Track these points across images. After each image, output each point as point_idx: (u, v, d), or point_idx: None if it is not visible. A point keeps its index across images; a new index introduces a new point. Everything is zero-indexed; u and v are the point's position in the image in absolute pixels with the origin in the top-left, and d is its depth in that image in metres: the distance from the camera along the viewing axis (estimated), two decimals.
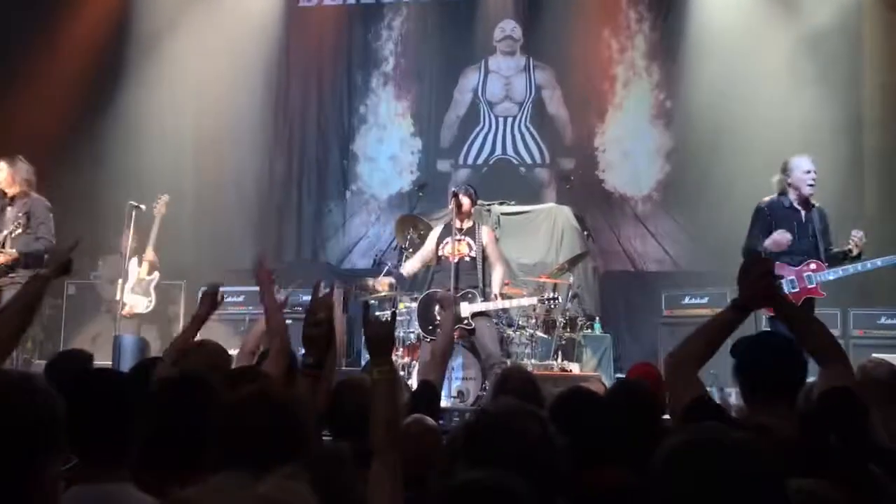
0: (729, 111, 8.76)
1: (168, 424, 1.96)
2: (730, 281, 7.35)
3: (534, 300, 6.39)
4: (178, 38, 9.31)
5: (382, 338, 2.28)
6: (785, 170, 5.23)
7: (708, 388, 2.32)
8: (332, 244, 10.06)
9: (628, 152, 9.81)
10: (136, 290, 7.64)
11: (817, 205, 5.27)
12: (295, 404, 1.73)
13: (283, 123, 10.15)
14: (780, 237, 5.10)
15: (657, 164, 9.71)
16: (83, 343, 7.55)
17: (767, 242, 5.13)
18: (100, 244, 8.05)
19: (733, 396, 4.94)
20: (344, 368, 6.90)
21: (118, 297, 7.36)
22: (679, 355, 2.28)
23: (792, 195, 5.19)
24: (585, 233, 8.67)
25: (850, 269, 5.17)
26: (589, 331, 7.70)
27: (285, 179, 10.08)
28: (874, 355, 5.17)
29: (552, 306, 6.52)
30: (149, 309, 7.69)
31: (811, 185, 5.15)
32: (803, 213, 5.22)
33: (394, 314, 2.64)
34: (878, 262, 5.22)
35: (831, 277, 5.13)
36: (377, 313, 6.93)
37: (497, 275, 6.09)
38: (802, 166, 5.18)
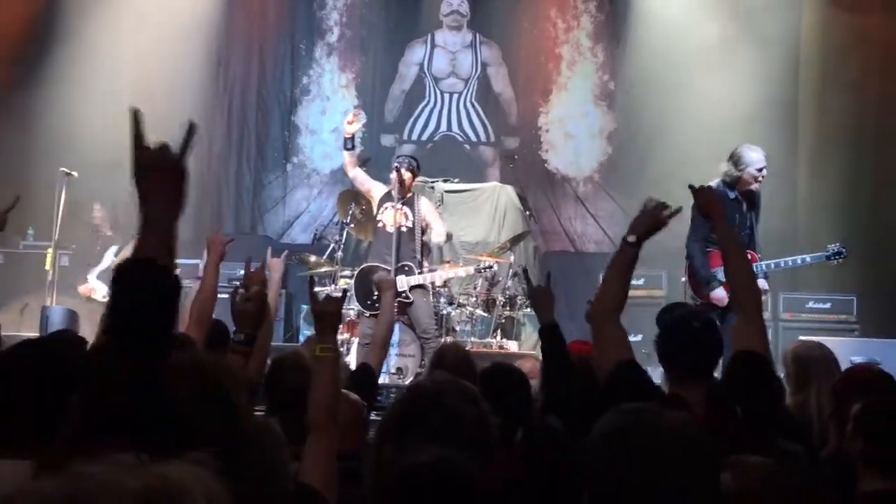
0: (671, 94, 8.90)
1: (65, 399, 1.90)
2: (664, 262, 7.49)
3: (470, 269, 6.43)
4: (114, 4, 8.99)
5: (331, 314, 2.27)
6: (737, 163, 5.11)
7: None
8: (272, 217, 9.95)
9: (571, 133, 9.90)
10: (101, 277, 7.42)
11: (755, 190, 5.32)
12: (227, 377, 1.71)
13: (223, 92, 9.93)
14: (720, 295, 4.98)
15: (599, 146, 9.83)
16: (10, 314, 7.30)
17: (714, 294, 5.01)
18: (30, 212, 7.78)
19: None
20: (281, 344, 6.85)
21: (89, 278, 7.20)
22: (599, 304, 2.32)
23: (738, 188, 5.18)
24: (528, 213, 8.73)
25: (782, 263, 5.31)
26: (528, 309, 7.77)
27: (224, 150, 9.88)
28: (801, 338, 5.39)
29: (488, 275, 6.58)
30: (105, 300, 7.48)
31: (760, 183, 5.17)
32: (744, 205, 5.21)
33: (345, 292, 2.64)
34: (808, 258, 5.39)
35: (764, 268, 5.24)
36: (322, 289, 6.89)
37: (438, 231, 6.11)
38: (756, 162, 5.09)
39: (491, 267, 6.38)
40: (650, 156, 9.05)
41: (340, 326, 6.52)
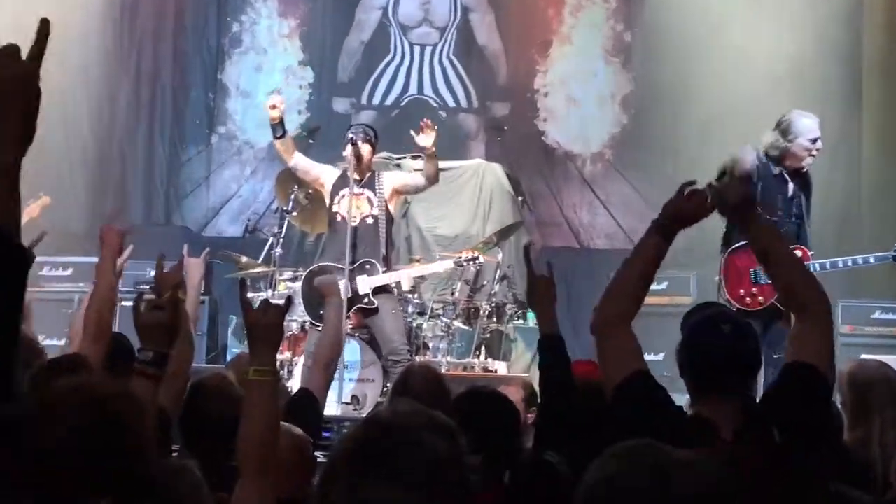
0: (701, 47, 8.95)
1: None
2: (696, 263, 7.57)
3: (448, 264, 6.44)
4: None
5: (267, 327, 2.25)
6: (785, 132, 5.15)
7: None
8: (192, 203, 9.91)
9: (576, 98, 9.92)
10: None
11: (806, 170, 5.36)
12: (128, 407, 1.69)
13: (128, 44, 9.85)
14: (743, 154, 5.12)
15: (611, 114, 9.87)
16: None
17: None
18: None
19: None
20: (203, 365, 6.81)
21: None
22: (607, 307, 2.33)
23: (785, 162, 5.21)
24: (520, 198, 8.74)
25: (840, 263, 5.34)
26: (521, 321, 7.79)
27: (131, 117, 9.82)
28: (863, 356, 5.44)
29: (470, 276, 6.58)
30: None
31: (814, 157, 5.20)
32: (791, 185, 5.26)
33: (288, 299, 2.63)
34: (872, 258, 5.43)
35: (818, 270, 5.27)
36: (257, 296, 6.85)
37: (417, 180, 6.16)
38: (809, 133, 5.13)
39: (476, 259, 6.38)
40: (675, 126, 9.10)
41: (281, 343, 6.53)
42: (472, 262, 6.40)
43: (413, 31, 10.15)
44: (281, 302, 2.41)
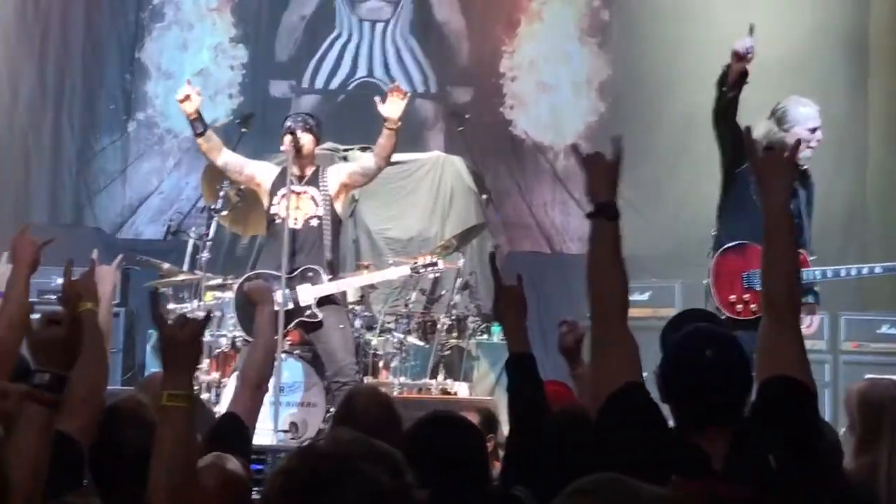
0: (689, 27, 9.03)
1: None
2: (682, 270, 7.61)
3: (404, 269, 6.42)
4: None
5: (183, 344, 2.26)
6: (781, 120, 5.24)
7: None
8: (105, 201, 9.84)
9: (547, 83, 9.97)
10: None
11: (805, 166, 5.46)
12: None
13: (33, 19, 9.76)
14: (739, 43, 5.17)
15: (587, 101, 9.92)
16: None
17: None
18: None
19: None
20: (118, 388, 6.74)
21: None
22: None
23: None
24: (484, 196, 8.76)
25: (842, 271, 5.41)
26: (484, 336, 7.80)
27: (36, 102, 9.72)
28: (868, 376, 5.51)
29: (432, 274, 6.56)
30: None
31: (812, 149, 5.29)
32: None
33: (208, 313, 2.62)
34: (878, 267, 5.51)
35: (818, 277, 5.34)
36: (177, 307, 6.79)
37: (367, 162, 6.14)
38: (807, 121, 5.21)
39: (434, 265, 6.36)
40: (658, 115, 9.16)
41: (204, 362, 6.48)
42: (429, 269, 6.39)
43: (362, 6, 10.13)
44: (201, 315, 2.39)
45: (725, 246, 5.28)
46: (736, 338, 2.40)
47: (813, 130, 5.24)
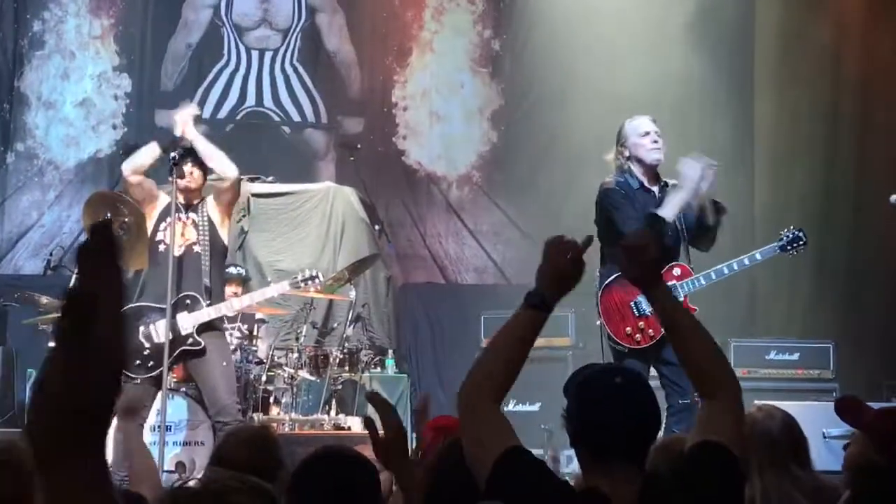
0: (579, 58, 9.14)
1: None
2: (574, 300, 7.73)
3: (284, 286, 6.30)
4: None
5: None
6: (619, 139, 5.49)
7: (536, 452, 2.38)
8: None
9: (439, 112, 10.01)
10: None
11: (671, 183, 5.56)
12: None
13: None
14: (691, 171, 5.27)
15: (479, 131, 9.98)
16: None
17: (676, 199, 5.28)
18: None
19: (573, 464, 5.08)
20: None
21: None
22: (469, 386, 2.33)
23: (637, 171, 5.44)
24: (376, 227, 8.72)
25: (725, 269, 5.50)
26: (378, 370, 7.77)
27: None
28: (757, 402, 5.58)
29: (313, 288, 6.45)
30: None
31: (655, 150, 5.43)
32: (657, 194, 5.46)
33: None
34: (757, 255, 5.61)
35: (703, 283, 5.43)
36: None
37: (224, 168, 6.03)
38: (638, 128, 5.44)
39: (315, 278, 6.25)
40: (549, 145, 9.25)
41: None
42: (310, 282, 6.30)
43: (250, 34, 10.07)
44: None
45: (606, 282, 5.37)
46: (643, 373, 2.40)
47: (645, 134, 5.45)
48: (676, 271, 5.43)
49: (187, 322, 5.80)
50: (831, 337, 7.58)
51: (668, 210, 5.30)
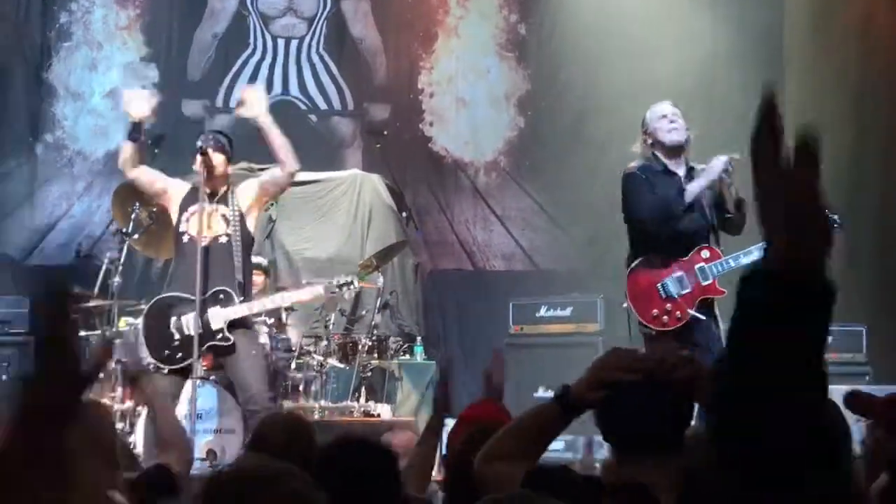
0: (608, 42, 9.11)
1: None
2: (603, 284, 7.64)
3: (318, 289, 6.32)
4: None
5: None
6: (642, 127, 5.53)
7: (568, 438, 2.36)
8: (12, 226, 9.63)
9: (466, 98, 9.98)
10: None
11: (700, 168, 5.55)
12: None
13: None
14: (716, 162, 5.33)
15: (507, 117, 9.95)
16: None
17: (695, 185, 5.31)
18: None
19: (604, 449, 5.08)
20: None
21: None
22: (486, 452, 2.31)
23: (660, 155, 5.44)
24: (404, 214, 8.73)
25: (755, 251, 5.41)
26: (406, 356, 7.77)
27: None
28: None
29: (345, 305, 6.48)
30: None
31: (673, 131, 5.44)
32: (682, 176, 5.46)
33: (110, 343, 2.49)
34: None
35: (732, 266, 5.41)
36: (86, 334, 6.64)
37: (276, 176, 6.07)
38: (656, 112, 5.49)
39: (351, 283, 6.28)
40: (581, 130, 9.21)
41: (118, 390, 6.34)
42: (346, 287, 6.31)
43: (276, 22, 10.08)
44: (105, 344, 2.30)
45: (632, 265, 5.38)
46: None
47: (662, 117, 5.48)
48: (705, 253, 5.42)
49: (219, 318, 5.82)
50: (864, 320, 7.53)
51: (687, 195, 5.34)
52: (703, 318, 5.30)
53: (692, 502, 2.04)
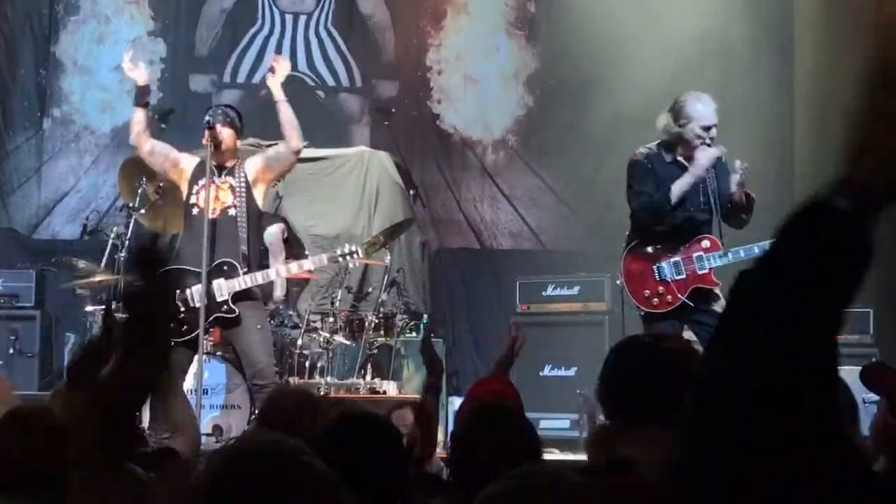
0: (619, 19, 9.05)
1: None
2: (611, 264, 7.69)
3: (322, 259, 6.35)
4: None
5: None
6: (678, 115, 5.38)
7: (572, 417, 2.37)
8: (19, 201, 9.65)
9: (474, 76, 9.96)
10: None
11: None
12: None
13: None
14: (702, 158, 5.31)
15: (515, 95, 9.92)
16: None
17: (680, 184, 5.30)
18: None
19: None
20: (34, 392, 6.58)
21: None
22: None
23: (678, 149, 5.42)
24: (411, 192, 8.73)
25: (756, 248, 5.42)
26: (413, 334, 7.77)
27: None
28: None
29: (352, 262, 6.47)
30: None
31: (707, 149, 5.37)
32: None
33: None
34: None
35: (731, 259, 5.40)
36: (93, 309, 6.67)
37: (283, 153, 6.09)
38: (702, 118, 5.35)
39: (355, 253, 6.29)
40: (590, 109, 9.19)
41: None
42: (350, 257, 6.33)
43: None
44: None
45: (630, 245, 5.41)
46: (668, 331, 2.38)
47: (707, 129, 5.37)
48: (705, 243, 5.45)
49: (223, 289, 5.84)
50: (871, 301, 7.52)
51: (672, 196, 5.36)
52: (691, 304, 5.33)
53: (679, 482, 2.05)
